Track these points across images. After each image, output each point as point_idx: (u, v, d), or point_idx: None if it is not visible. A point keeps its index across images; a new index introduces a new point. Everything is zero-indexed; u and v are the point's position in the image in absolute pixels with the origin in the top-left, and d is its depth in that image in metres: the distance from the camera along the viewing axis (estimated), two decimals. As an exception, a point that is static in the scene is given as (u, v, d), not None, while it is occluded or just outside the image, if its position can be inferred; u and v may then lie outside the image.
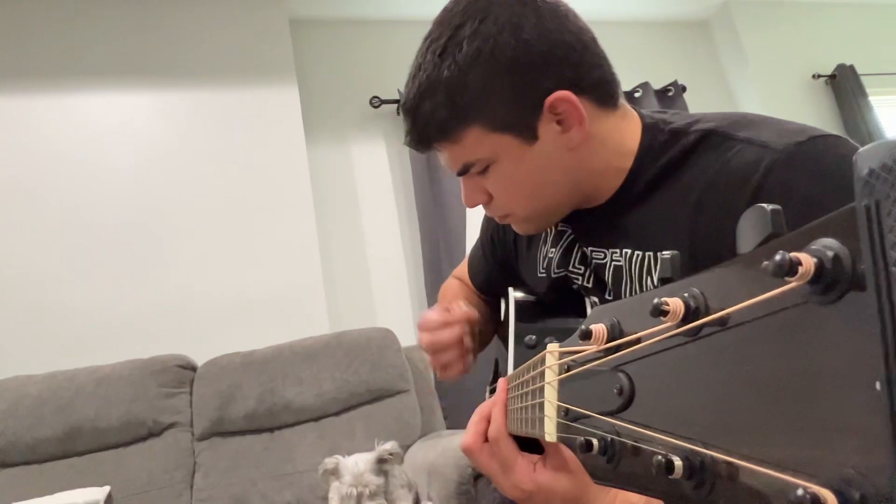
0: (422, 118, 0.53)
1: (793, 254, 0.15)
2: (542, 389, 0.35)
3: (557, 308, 0.64)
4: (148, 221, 1.91)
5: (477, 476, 1.22)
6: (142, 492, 1.46)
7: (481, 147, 0.52)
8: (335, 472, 1.17)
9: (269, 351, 1.68)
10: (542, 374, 0.35)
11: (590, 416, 0.27)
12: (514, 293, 0.66)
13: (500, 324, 0.80)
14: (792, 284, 0.15)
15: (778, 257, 0.15)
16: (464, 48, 0.50)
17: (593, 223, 0.59)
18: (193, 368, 1.68)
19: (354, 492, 1.13)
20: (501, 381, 0.48)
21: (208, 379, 1.62)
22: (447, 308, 0.69)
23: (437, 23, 0.53)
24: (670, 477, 0.20)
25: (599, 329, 0.25)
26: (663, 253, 0.22)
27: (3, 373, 1.59)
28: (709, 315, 0.19)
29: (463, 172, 0.56)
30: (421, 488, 1.32)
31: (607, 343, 0.25)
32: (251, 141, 2.05)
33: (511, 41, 0.49)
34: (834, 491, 0.14)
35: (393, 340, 1.74)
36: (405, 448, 1.55)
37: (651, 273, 0.53)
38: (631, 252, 0.55)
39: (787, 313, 0.16)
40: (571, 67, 0.51)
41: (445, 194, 2.21)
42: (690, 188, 0.50)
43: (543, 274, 0.68)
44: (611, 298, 0.59)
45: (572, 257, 0.63)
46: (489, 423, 0.47)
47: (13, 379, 1.55)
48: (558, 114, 0.51)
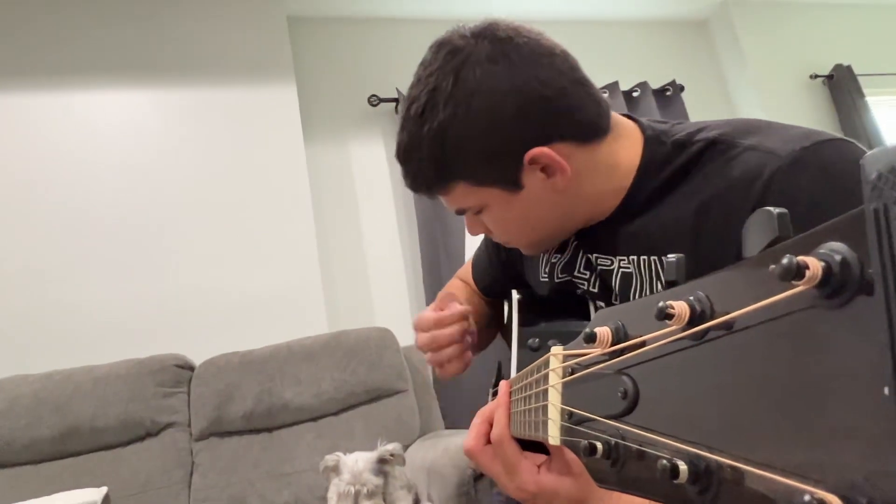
0: (411, 171, 0.57)
1: (800, 257, 0.15)
2: (546, 392, 0.35)
3: (561, 311, 0.64)
4: (145, 220, 1.90)
5: (477, 477, 1.22)
6: (139, 492, 1.45)
7: (470, 198, 0.56)
8: (335, 469, 1.17)
9: (268, 351, 1.67)
10: (546, 377, 0.35)
11: (594, 420, 0.27)
12: (517, 295, 0.66)
13: (504, 326, 0.80)
14: (799, 288, 0.15)
15: (785, 261, 0.15)
16: (439, 114, 0.51)
17: (597, 235, 0.59)
18: (191, 368, 1.68)
19: (352, 490, 1.13)
20: (504, 384, 0.48)
21: (206, 379, 1.62)
22: (441, 307, 0.69)
23: (415, 82, 0.54)
24: (675, 481, 0.19)
25: (604, 332, 0.25)
26: (668, 256, 0.22)
27: (0, 372, 1.58)
28: (714, 319, 0.19)
29: (460, 213, 0.60)
30: (420, 489, 1.32)
31: (612, 346, 0.25)
32: (249, 139, 2.04)
33: (484, 105, 0.49)
34: (841, 496, 0.14)
35: (392, 340, 1.74)
36: (404, 448, 1.55)
37: (661, 278, 0.53)
38: (637, 258, 0.55)
39: (794, 317, 0.16)
40: (549, 118, 0.51)
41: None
42: (695, 194, 0.50)
43: (546, 278, 0.68)
44: (616, 304, 0.59)
45: (577, 263, 0.64)
46: (491, 426, 0.47)
47: (10, 379, 1.54)
48: (540, 166, 0.52)
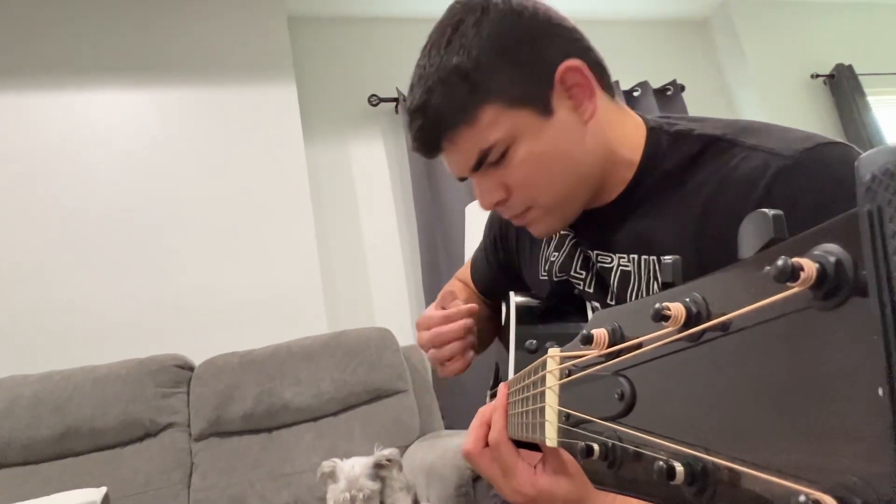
0: (434, 110, 0.52)
1: (795, 259, 0.15)
2: (543, 394, 0.35)
3: (559, 312, 0.64)
4: (145, 220, 1.90)
5: (476, 478, 1.22)
6: (139, 493, 1.45)
7: (499, 126, 0.51)
8: (332, 476, 1.18)
9: (267, 351, 1.67)
10: (543, 379, 0.35)
11: (591, 421, 0.27)
12: (515, 297, 0.66)
13: (502, 328, 0.80)
14: (794, 290, 0.15)
15: (780, 262, 0.15)
16: (469, 35, 0.52)
17: (598, 226, 0.59)
18: (191, 368, 1.68)
19: (348, 496, 1.13)
20: (502, 386, 0.48)
21: (206, 379, 1.62)
22: (444, 305, 0.69)
23: (436, 29, 0.55)
24: (671, 483, 0.19)
25: (601, 334, 0.25)
26: (665, 257, 0.22)
27: None
28: (710, 320, 0.19)
29: (479, 165, 0.53)
30: (419, 489, 1.32)
31: (609, 348, 0.25)
32: (249, 139, 2.04)
33: (514, 22, 0.52)
34: (836, 497, 0.14)
35: (391, 340, 1.74)
36: (403, 449, 1.55)
37: (658, 278, 0.53)
38: (638, 257, 0.55)
39: (789, 319, 0.16)
40: (573, 43, 0.54)
41: (444, 193, 2.21)
42: (697, 194, 0.50)
43: (545, 277, 0.68)
44: (613, 303, 0.59)
45: (574, 262, 0.63)
46: (490, 428, 0.47)
47: (9, 379, 1.54)
48: (569, 88, 0.53)
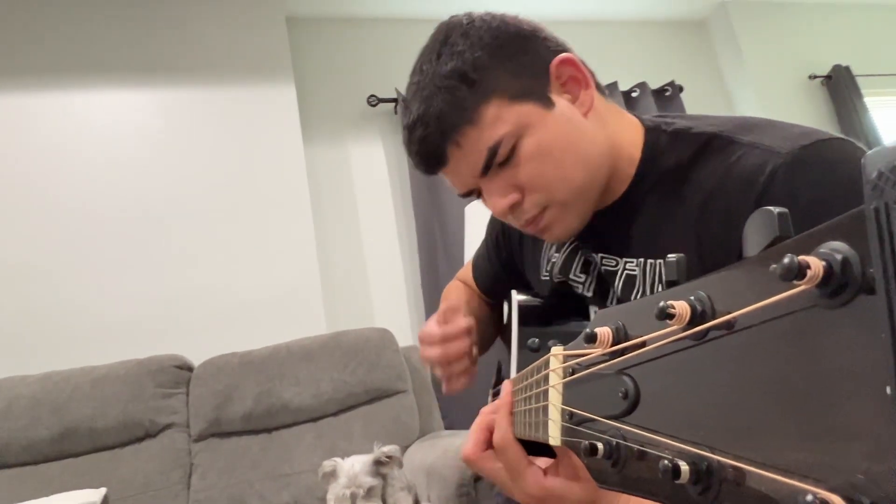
0: (435, 116, 0.52)
1: (801, 257, 0.15)
2: (547, 393, 0.34)
3: (561, 311, 0.64)
4: (144, 220, 1.90)
5: (477, 478, 1.22)
6: (138, 493, 1.45)
7: (504, 121, 0.51)
8: (333, 475, 1.17)
9: (267, 351, 1.67)
10: (547, 378, 0.35)
11: (595, 420, 0.27)
12: (517, 296, 0.66)
13: (504, 327, 0.79)
14: (800, 288, 0.15)
15: (786, 260, 0.15)
16: (459, 44, 0.53)
17: (602, 229, 0.59)
18: (190, 369, 1.68)
19: (348, 493, 1.13)
20: (506, 384, 0.48)
21: (205, 379, 1.62)
22: (445, 320, 0.68)
23: (424, 49, 0.56)
24: (676, 482, 0.19)
25: (605, 332, 0.25)
26: (669, 256, 0.22)
27: (-2, 373, 1.58)
28: (715, 318, 0.19)
29: (487, 167, 0.52)
30: (420, 490, 1.32)
31: (612, 346, 0.25)
32: (248, 140, 2.04)
33: (501, 26, 0.54)
34: (843, 496, 0.14)
35: (391, 341, 1.74)
36: (403, 449, 1.55)
37: (663, 281, 0.53)
38: (644, 261, 0.55)
39: (795, 317, 0.16)
40: (558, 43, 0.56)
41: (443, 193, 2.21)
42: (697, 192, 0.50)
43: (546, 277, 0.68)
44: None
45: (574, 265, 0.63)
46: (490, 433, 0.46)
47: (8, 379, 1.54)
48: (564, 82, 0.54)
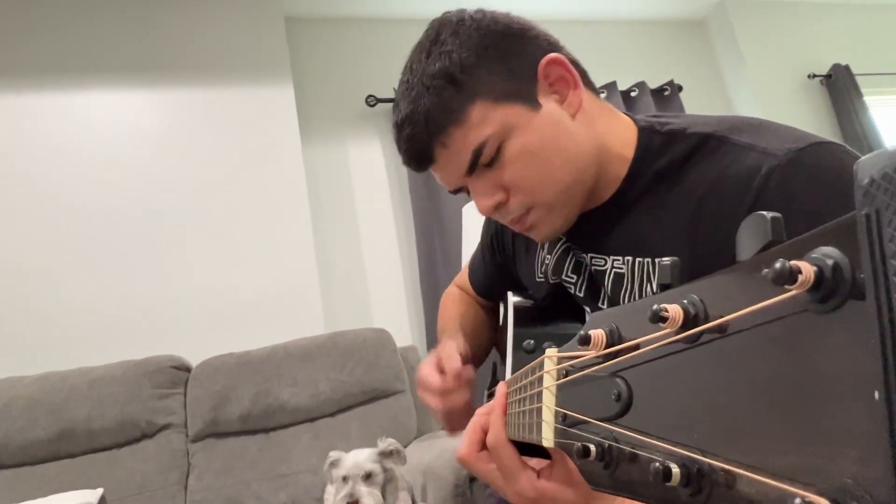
0: (422, 116, 0.52)
1: (793, 262, 0.15)
2: (541, 394, 0.34)
3: (556, 313, 0.64)
4: (142, 220, 1.89)
5: (473, 478, 1.22)
6: (135, 494, 1.45)
7: (489, 122, 0.51)
8: (336, 465, 1.18)
9: (264, 351, 1.67)
10: (541, 379, 0.35)
11: (587, 422, 0.27)
12: (513, 298, 0.66)
13: (499, 328, 0.80)
14: (791, 292, 0.15)
15: (778, 265, 0.15)
16: (448, 43, 0.53)
17: (592, 228, 0.58)
18: (188, 369, 1.67)
19: (348, 475, 1.14)
20: (501, 385, 0.48)
21: (202, 380, 1.62)
22: (442, 367, 0.68)
23: (415, 48, 0.56)
24: (667, 484, 0.20)
25: (598, 334, 0.25)
26: (663, 259, 0.22)
27: (-5, 374, 1.58)
28: (708, 322, 0.19)
29: (473, 167, 0.53)
30: (417, 490, 1.32)
31: (606, 349, 0.25)
32: (246, 140, 2.04)
33: (491, 25, 0.54)
34: (831, 500, 0.14)
35: (388, 341, 1.74)
36: (401, 449, 1.55)
37: (651, 280, 0.53)
38: (632, 259, 0.55)
39: (787, 321, 0.16)
40: (549, 42, 0.56)
41: (441, 193, 2.21)
42: (690, 194, 0.50)
43: (542, 279, 0.68)
44: (604, 307, 0.59)
45: (565, 266, 0.63)
46: (485, 433, 0.46)
47: (5, 380, 1.54)
48: (552, 82, 0.53)
